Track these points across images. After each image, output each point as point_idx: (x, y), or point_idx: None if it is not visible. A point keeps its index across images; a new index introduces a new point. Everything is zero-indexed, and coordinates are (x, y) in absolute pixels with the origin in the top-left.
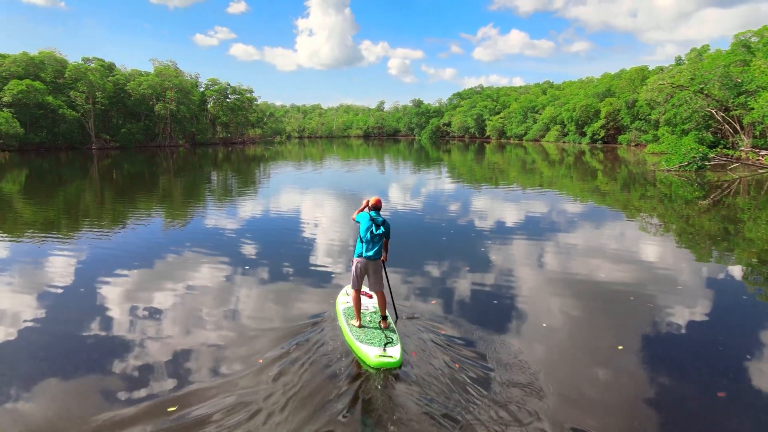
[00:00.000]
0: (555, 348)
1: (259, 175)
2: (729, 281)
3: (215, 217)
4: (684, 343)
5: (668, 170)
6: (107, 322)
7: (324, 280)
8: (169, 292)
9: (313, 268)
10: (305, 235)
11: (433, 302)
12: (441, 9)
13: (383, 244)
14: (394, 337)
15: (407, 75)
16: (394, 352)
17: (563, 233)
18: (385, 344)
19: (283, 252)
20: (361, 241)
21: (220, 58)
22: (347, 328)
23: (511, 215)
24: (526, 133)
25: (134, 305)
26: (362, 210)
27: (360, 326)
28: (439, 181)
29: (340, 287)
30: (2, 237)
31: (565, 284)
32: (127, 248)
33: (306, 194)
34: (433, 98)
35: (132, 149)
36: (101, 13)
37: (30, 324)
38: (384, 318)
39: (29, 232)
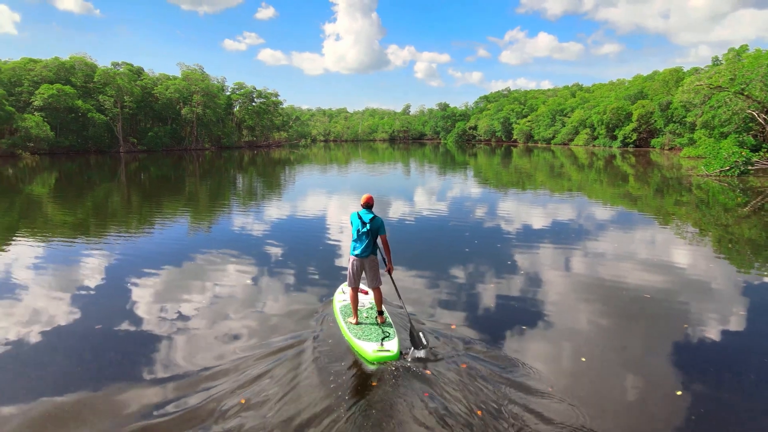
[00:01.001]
0: (578, 354)
1: (284, 178)
2: None
3: (240, 219)
4: (719, 355)
5: (707, 175)
6: (134, 319)
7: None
8: (188, 289)
9: (337, 270)
10: (329, 238)
11: (453, 326)
12: (468, 13)
13: (383, 240)
14: (391, 331)
15: (433, 79)
16: (392, 346)
17: (592, 239)
18: (383, 339)
19: (303, 253)
20: (353, 241)
21: (248, 63)
22: (345, 325)
23: (537, 220)
24: (554, 137)
25: (160, 303)
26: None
27: (357, 323)
28: (465, 185)
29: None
30: (34, 238)
31: (593, 290)
32: (154, 249)
33: (331, 197)
34: (459, 102)
35: (159, 152)
36: (134, 20)
37: (62, 322)
38: (380, 313)
39: (60, 233)
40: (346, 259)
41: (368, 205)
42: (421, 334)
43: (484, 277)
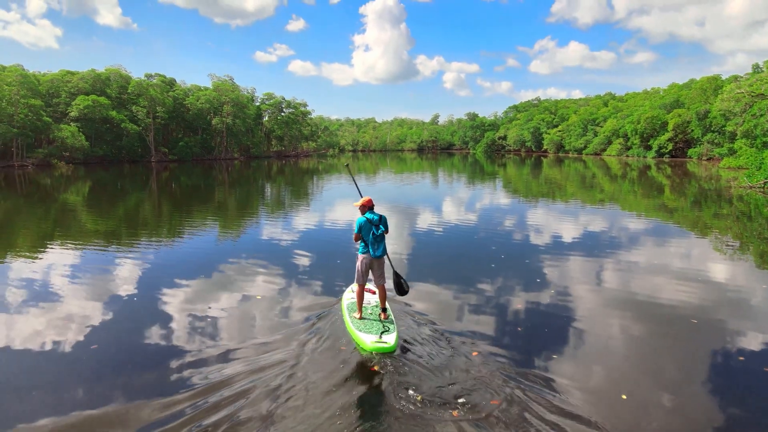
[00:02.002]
0: (608, 371)
1: (312, 188)
2: None
3: (268, 228)
4: (757, 373)
5: (750, 186)
6: (164, 323)
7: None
8: (215, 292)
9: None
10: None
11: (474, 354)
12: (497, 23)
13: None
14: (391, 326)
15: (462, 89)
16: (389, 339)
17: (625, 252)
18: (382, 332)
19: (327, 258)
20: (366, 244)
21: (279, 75)
22: (349, 320)
23: (568, 232)
24: (585, 147)
25: (188, 308)
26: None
27: (361, 318)
28: (494, 196)
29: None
30: (68, 245)
31: (628, 307)
32: (184, 257)
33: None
34: (488, 112)
35: (189, 162)
36: (169, 34)
37: (95, 326)
38: (384, 310)
39: (93, 241)
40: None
41: (370, 207)
42: (402, 281)
43: (511, 290)
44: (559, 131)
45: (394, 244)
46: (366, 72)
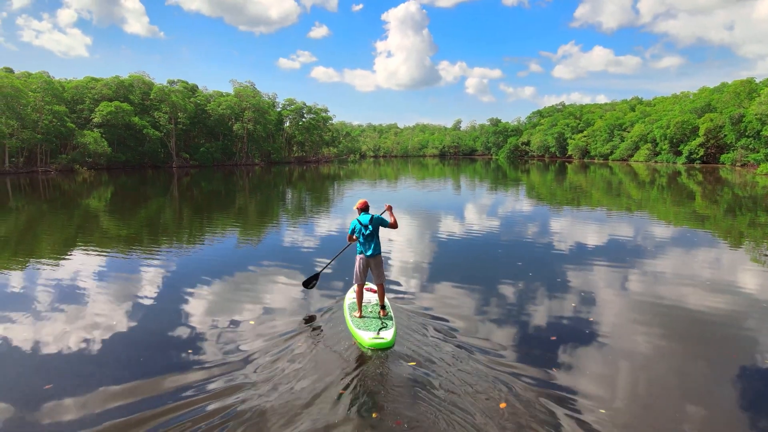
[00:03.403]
0: (632, 383)
1: (333, 194)
2: None
3: (288, 233)
4: None
5: None
6: (178, 323)
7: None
8: (234, 295)
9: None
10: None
11: (480, 356)
12: (519, 28)
13: (392, 224)
14: (389, 323)
15: (485, 94)
16: (387, 335)
17: (654, 260)
18: (380, 329)
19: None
20: (360, 245)
21: (301, 81)
22: (349, 318)
23: (592, 239)
24: (612, 153)
25: (202, 309)
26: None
27: (361, 316)
28: (517, 202)
29: (409, 306)
30: (92, 250)
31: (661, 318)
32: (204, 261)
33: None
34: (511, 117)
35: (209, 167)
36: (195, 42)
37: (120, 329)
38: (383, 307)
39: (115, 246)
40: (408, 275)
41: (364, 209)
42: (314, 281)
43: (533, 298)
44: (585, 136)
45: (415, 248)
46: (388, 78)
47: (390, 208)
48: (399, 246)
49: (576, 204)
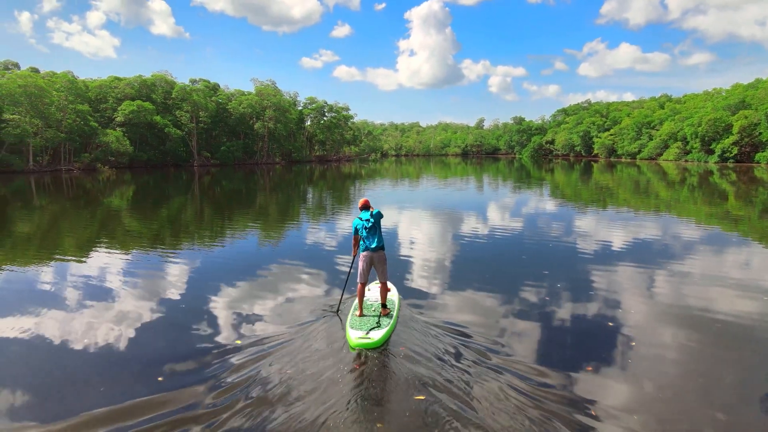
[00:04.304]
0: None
1: (354, 193)
2: None
3: (306, 232)
4: None
5: None
6: (193, 317)
7: (417, 296)
8: (253, 293)
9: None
10: (401, 251)
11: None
12: (544, 26)
13: (380, 230)
14: (385, 322)
15: (508, 93)
16: (376, 335)
17: (681, 262)
18: (371, 329)
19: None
20: (363, 240)
21: (324, 80)
22: (350, 316)
23: (618, 239)
24: (640, 151)
25: (219, 304)
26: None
27: (361, 315)
28: (541, 202)
29: (422, 304)
30: (113, 249)
31: (684, 318)
32: (224, 260)
33: (403, 212)
34: (534, 116)
35: (230, 166)
36: (220, 42)
37: (144, 321)
38: (384, 306)
39: (137, 244)
40: (391, 270)
41: (365, 207)
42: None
43: (557, 302)
44: (611, 135)
45: (436, 248)
46: (411, 77)
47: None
48: (420, 246)
49: (602, 204)
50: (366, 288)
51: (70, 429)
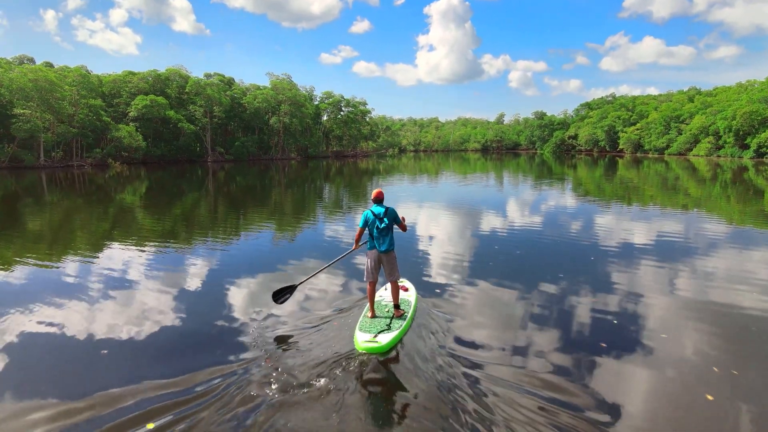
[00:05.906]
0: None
1: (372, 190)
2: None
3: (323, 229)
4: None
5: None
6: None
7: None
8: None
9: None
10: (420, 248)
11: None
12: (565, 19)
13: (401, 227)
14: (398, 325)
15: (529, 88)
16: (383, 339)
17: (716, 264)
18: (380, 331)
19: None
20: (372, 238)
21: (343, 76)
22: (360, 319)
23: (644, 237)
24: (668, 146)
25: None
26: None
27: (373, 316)
28: (562, 198)
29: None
30: (129, 245)
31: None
32: (238, 257)
33: (421, 208)
34: (555, 111)
35: (245, 162)
36: (240, 38)
37: (162, 317)
38: (397, 307)
39: (151, 241)
40: (410, 268)
41: (379, 200)
42: (287, 294)
43: (577, 307)
44: (638, 129)
45: (454, 246)
46: (430, 72)
47: (403, 219)
48: (438, 242)
49: (627, 201)
50: (383, 288)
51: (88, 407)
